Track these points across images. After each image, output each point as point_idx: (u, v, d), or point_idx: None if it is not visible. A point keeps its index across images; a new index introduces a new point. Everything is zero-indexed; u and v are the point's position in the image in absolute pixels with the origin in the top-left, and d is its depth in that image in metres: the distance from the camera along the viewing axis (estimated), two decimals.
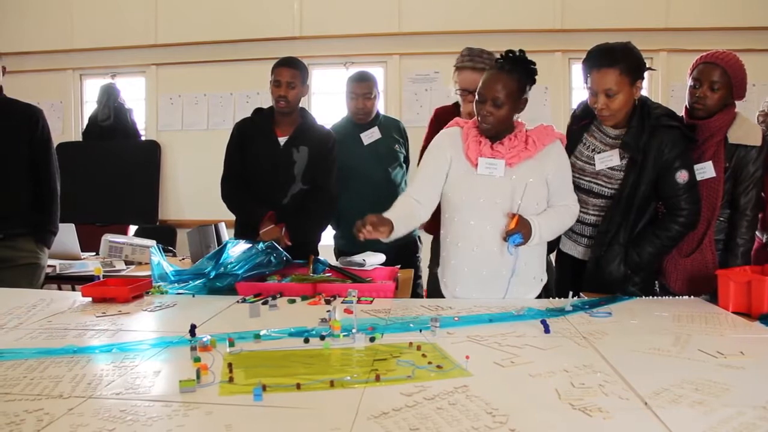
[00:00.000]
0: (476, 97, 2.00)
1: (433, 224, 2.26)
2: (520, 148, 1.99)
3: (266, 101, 2.82)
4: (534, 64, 2.01)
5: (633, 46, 2.07)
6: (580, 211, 2.22)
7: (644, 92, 2.16)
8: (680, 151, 2.07)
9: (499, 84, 1.94)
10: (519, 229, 1.91)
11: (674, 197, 2.08)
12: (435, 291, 2.28)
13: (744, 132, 2.17)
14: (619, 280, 2.13)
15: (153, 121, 5.06)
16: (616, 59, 2.01)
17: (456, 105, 2.71)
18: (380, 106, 3.25)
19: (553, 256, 2.39)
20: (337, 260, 2.59)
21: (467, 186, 2.02)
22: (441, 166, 2.07)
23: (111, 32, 4.94)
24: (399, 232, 1.94)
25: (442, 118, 2.58)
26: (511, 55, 1.99)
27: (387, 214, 1.93)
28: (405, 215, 2.00)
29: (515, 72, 1.96)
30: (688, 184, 2.07)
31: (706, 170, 2.16)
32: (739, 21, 4.36)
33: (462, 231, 2.04)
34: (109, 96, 4.96)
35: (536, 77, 2.02)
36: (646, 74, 2.10)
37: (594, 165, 2.16)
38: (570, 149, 2.26)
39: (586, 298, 2.02)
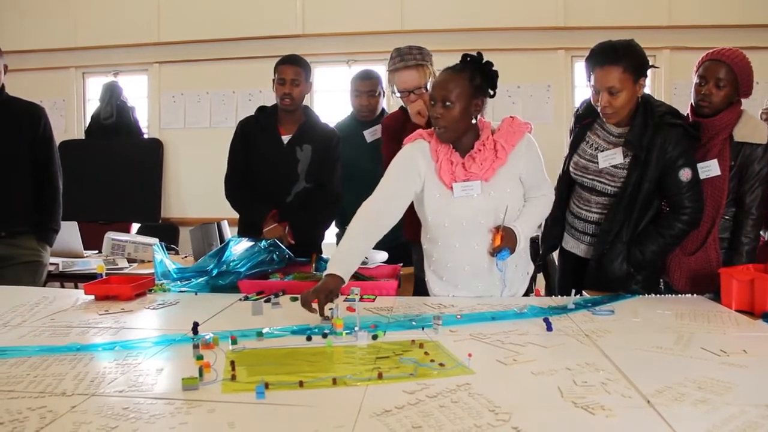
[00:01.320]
0: (429, 101, 1.92)
1: (413, 230, 2.20)
2: (491, 158, 1.92)
3: (268, 99, 2.82)
4: (492, 65, 1.91)
5: (636, 44, 2.06)
6: (583, 209, 2.22)
7: (647, 90, 2.15)
8: (683, 149, 2.06)
9: (449, 83, 1.86)
10: (505, 244, 1.89)
11: (677, 195, 2.08)
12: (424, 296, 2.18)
13: (750, 130, 2.16)
14: (621, 278, 2.12)
15: (155, 119, 5.06)
16: (619, 57, 2.00)
17: (403, 109, 2.57)
18: (384, 104, 3.24)
19: (555, 254, 2.38)
20: None
21: (448, 211, 1.95)
22: (412, 179, 1.97)
23: (113, 30, 4.94)
24: (357, 263, 1.89)
25: (394, 127, 2.50)
26: (468, 59, 1.91)
27: (340, 254, 1.87)
28: (364, 241, 1.90)
29: (466, 70, 1.88)
30: (691, 182, 2.06)
31: (711, 168, 2.15)
32: (742, 18, 4.34)
33: (449, 254, 2.00)
34: (111, 94, 4.96)
35: (497, 80, 1.92)
36: (649, 72, 2.09)
37: (597, 163, 2.15)
38: (573, 147, 2.26)
39: (588, 296, 2.02)
